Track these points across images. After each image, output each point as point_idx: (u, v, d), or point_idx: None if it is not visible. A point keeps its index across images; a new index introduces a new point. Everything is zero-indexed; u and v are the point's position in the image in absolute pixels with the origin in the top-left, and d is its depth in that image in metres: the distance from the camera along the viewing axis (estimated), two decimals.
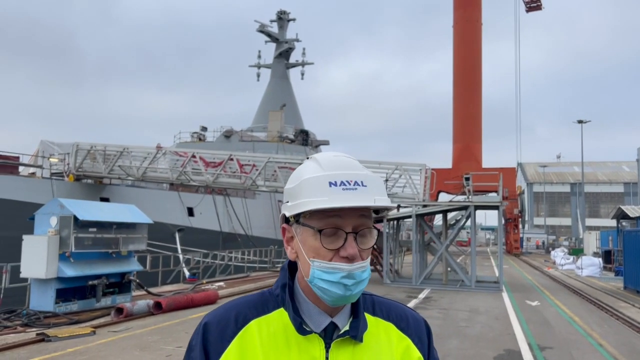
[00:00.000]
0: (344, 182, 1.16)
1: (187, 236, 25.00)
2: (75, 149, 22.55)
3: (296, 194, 1.20)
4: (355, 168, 1.21)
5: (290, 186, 1.24)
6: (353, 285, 1.16)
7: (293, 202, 1.20)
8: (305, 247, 1.20)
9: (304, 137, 40.72)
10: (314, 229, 1.17)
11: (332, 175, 1.17)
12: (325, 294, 1.17)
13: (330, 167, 1.20)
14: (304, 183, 1.19)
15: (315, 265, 1.17)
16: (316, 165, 1.22)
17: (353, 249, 1.16)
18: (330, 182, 1.16)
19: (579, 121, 50.89)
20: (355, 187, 1.16)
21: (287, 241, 1.28)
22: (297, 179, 1.22)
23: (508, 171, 38.39)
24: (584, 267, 26.36)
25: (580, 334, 10.86)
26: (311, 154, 8.52)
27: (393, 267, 20.67)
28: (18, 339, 8.96)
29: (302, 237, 1.21)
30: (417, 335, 1.33)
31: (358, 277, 1.17)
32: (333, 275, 1.15)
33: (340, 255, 1.16)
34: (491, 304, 14.92)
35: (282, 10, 48.96)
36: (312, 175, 1.19)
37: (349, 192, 1.15)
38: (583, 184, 54.39)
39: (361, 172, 1.20)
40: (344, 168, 1.20)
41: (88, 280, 12.08)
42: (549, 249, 53.18)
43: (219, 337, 1.21)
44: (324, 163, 1.22)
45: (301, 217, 1.19)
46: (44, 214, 11.95)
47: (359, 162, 1.25)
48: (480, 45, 45.61)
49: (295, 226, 1.23)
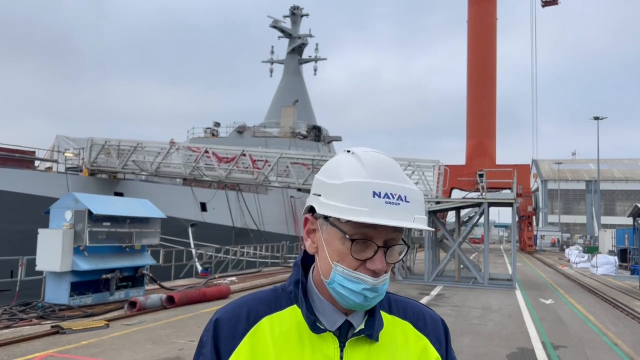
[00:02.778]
0: (388, 195, 1.09)
1: (200, 231, 25.14)
2: (90, 144, 22.77)
3: (334, 194, 1.12)
4: (399, 177, 1.14)
5: (327, 181, 1.15)
6: (374, 297, 1.13)
7: (328, 200, 1.13)
8: (329, 248, 1.15)
9: (316, 133, 40.66)
10: (344, 235, 1.11)
11: (377, 184, 1.10)
12: (342, 299, 1.14)
13: (375, 172, 1.12)
14: (347, 186, 1.10)
15: (337, 270, 1.13)
16: (359, 166, 1.14)
17: (382, 264, 1.12)
18: (375, 192, 1.09)
19: (595, 117, 50.14)
20: (399, 202, 1.10)
21: (307, 233, 1.22)
22: (337, 176, 1.14)
23: (522, 168, 38.02)
24: (599, 265, 26.06)
25: (594, 333, 10.73)
26: (324, 150, 8.53)
27: (405, 264, 20.61)
28: (33, 331, 9.10)
29: (328, 236, 1.15)
30: (434, 335, 1.29)
31: (380, 291, 1.14)
32: (356, 284, 1.12)
33: (367, 267, 1.12)
34: (504, 301, 14.80)
35: (295, 5, 48.79)
36: (355, 179, 1.11)
37: (391, 207, 1.09)
38: (599, 181, 53.68)
39: (406, 185, 1.13)
40: (389, 176, 1.12)
41: (102, 274, 12.21)
42: (563, 247, 52.65)
43: (230, 334, 1.19)
44: (368, 165, 1.14)
45: (332, 217, 1.13)
46: (59, 208, 12.08)
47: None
48: (495, 41, 45.10)
49: (322, 222, 1.17)
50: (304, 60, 49.51)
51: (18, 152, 20.79)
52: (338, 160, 1.19)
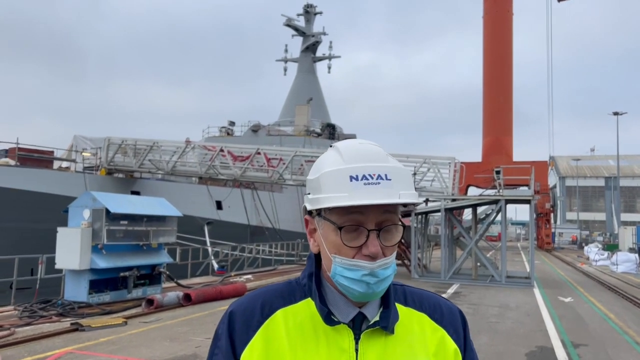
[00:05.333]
0: (366, 176, 1.09)
1: (216, 229, 25.28)
2: (107, 143, 23.03)
3: (317, 187, 1.14)
4: (379, 159, 1.13)
5: (311, 178, 1.18)
6: (376, 283, 1.11)
7: (314, 195, 1.15)
8: (326, 242, 1.15)
9: (330, 131, 40.62)
10: (334, 225, 1.12)
11: (353, 168, 1.10)
12: (347, 290, 1.14)
13: (352, 159, 1.12)
14: (324, 176, 1.12)
15: (336, 262, 1.13)
16: (337, 156, 1.15)
17: (375, 247, 1.10)
18: (352, 176, 1.09)
19: (615, 113, 49.33)
20: (379, 181, 1.08)
21: (309, 233, 1.24)
22: (318, 170, 1.16)
23: (540, 165, 37.50)
24: (619, 263, 25.67)
25: (615, 332, 10.54)
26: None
27: (421, 262, 20.49)
28: (53, 328, 9.23)
29: (323, 231, 1.16)
30: (452, 325, 1.27)
31: (381, 275, 1.11)
32: (355, 272, 1.11)
33: (363, 253, 1.11)
34: (522, 299, 14.63)
35: (309, 3, 48.78)
36: (332, 167, 1.12)
37: (371, 187, 1.08)
38: (618, 177, 52.80)
39: (386, 164, 1.12)
40: (367, 159, 1.12)
41: (120, 272, 12.34)
42: (582, 245, 51.91)
43: (244, 326, 1.19)
44: (346, 153, 1.14)
45: (323, 211, 1.15)
46: (77, 207, 12.23)
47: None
48: (511, 36, 44.60)
49: (318, 219, 1.18)
50: (317, 58, 49.48)
51: (37, 152, 21.13)
52: (320, 158, 1.22)
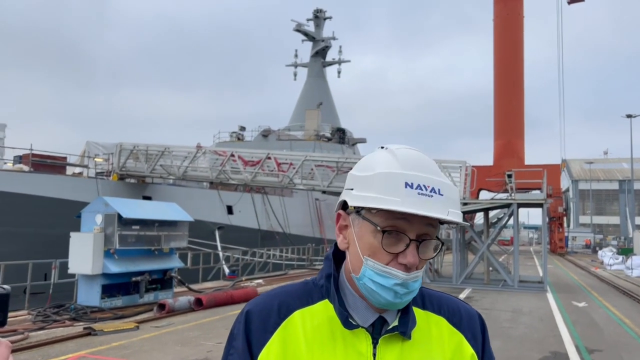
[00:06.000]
0: (420, 186, 1.07)
1: (227, 234, 25.37)
2: (119, 149, 23.23)
3: (366, 185, 1.11)
4: (433, 171, 1.12)
5: (359, 174, 1.15)
6: (405, 294, 1.10)
7: (360, 192, 1.12)
8: (360, 243, 1.13)
9: (340, 135, 40.61)
10: (376, 227, 1.10)
11: (409, 175, 1.08)
12: (372, 296, 1.12)
13: (408, 165, 1.11)
14: (379, 177, 1.10)
15: (368, 265, 1.11)
16: (392, 159, 1.13)
17: (414, 258, 1.09)
18: (407, 183, 1.07)
19: (628, 115, 48.73)
20: (432, 194, 1.08)
21: (339, 229, 1.21)
22: (370, 168, 1.13)
23: (552, 168, 37.12)
24: (635, 267, 25.29)
25: (631, 337, 10.39)
26: (348, 152, 8.49)
27: (433, 266, 20.38)
28: (66, 333, 9.31)
29: (359, 230, 1.14)
30: (470, 330, 1.25)
31: (411, 287, 1.11)
32: (386, 280, 1.09)
33: (399, 262, 1.09)
34: (535, 304, 14.48)
35: (319, 8, 48.92)
36: (388, 170, 1.10)
37: (424, 198, 1.07)
38: (632, 180, 52.15)
39: (440, 178, 1.11)
40: (423, 169, 1.11)
41: (132, 277, 12.41)
42: (595, 249, 51.28)
43: (261, 326, 1.16)
44: (402, 158, 1.12)
45: (363, 210, 1.12)
46: (90, 212, 12.34)
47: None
48: (522, 38, 44.21)
49: (354, 217, 1.15)
50: (327, 63, 49.57)
51: (50, 158, 21.37)
52: (371, 156, 1.19)
